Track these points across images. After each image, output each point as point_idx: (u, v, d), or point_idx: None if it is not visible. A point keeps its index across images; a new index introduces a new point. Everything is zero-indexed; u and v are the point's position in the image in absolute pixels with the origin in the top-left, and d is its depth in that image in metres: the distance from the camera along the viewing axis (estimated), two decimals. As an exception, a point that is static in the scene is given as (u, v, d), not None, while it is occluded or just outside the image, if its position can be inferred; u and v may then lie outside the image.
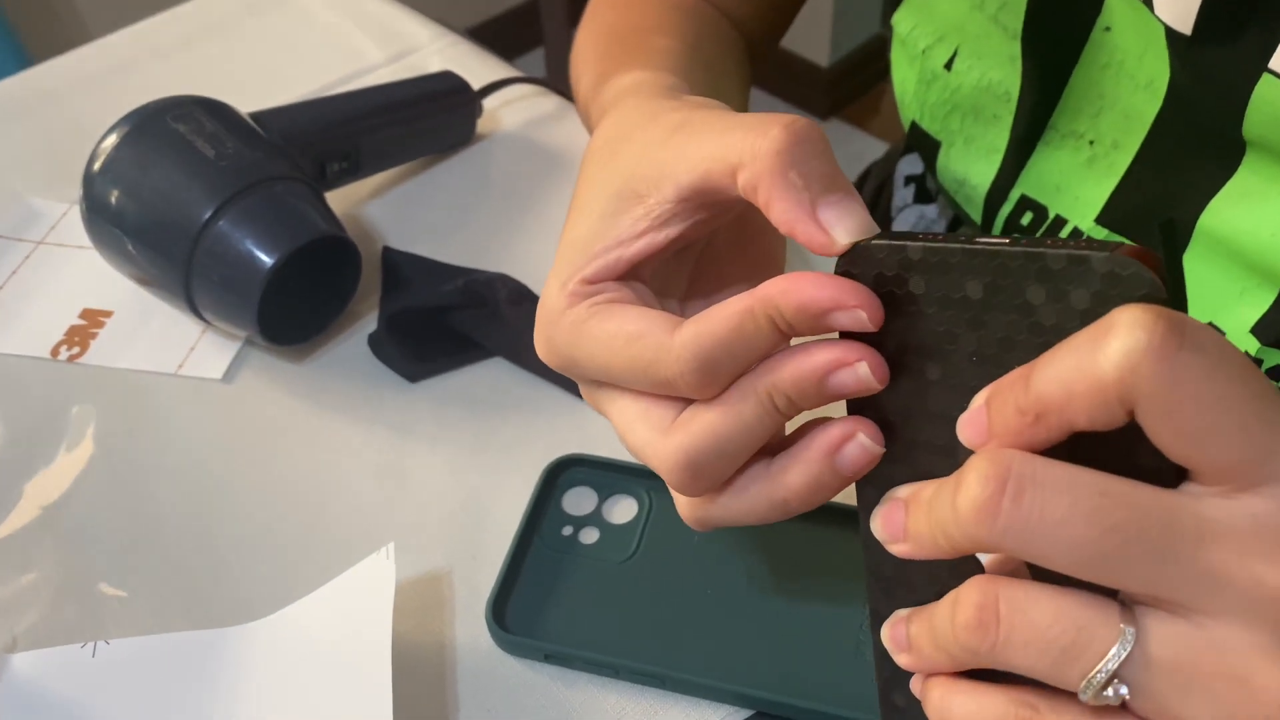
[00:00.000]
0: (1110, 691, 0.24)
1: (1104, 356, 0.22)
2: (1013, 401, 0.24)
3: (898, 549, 0.26)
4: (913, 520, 0.26)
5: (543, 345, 0.35)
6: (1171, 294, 0.24)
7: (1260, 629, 0.23)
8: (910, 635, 0.27)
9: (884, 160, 0.70)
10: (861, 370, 0.29)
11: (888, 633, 0.28)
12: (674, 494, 0.34)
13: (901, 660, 0.27)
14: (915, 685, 0.28)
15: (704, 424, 0.31)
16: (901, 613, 0.28)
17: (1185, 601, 0.23)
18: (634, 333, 0.32)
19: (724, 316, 0.30)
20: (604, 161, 0.35)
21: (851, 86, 2.16)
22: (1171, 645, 0.24)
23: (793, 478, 0.31)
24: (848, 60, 2.13)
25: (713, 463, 0.32)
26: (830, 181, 0.30)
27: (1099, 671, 0.24)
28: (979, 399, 0.25)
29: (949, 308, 0.28)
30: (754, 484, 0.32)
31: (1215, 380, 0.22)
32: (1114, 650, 0.24)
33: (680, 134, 0.33)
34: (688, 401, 0.32)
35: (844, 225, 0.29)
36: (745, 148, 0.30)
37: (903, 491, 0.27)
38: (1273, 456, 0.23)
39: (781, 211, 0.30)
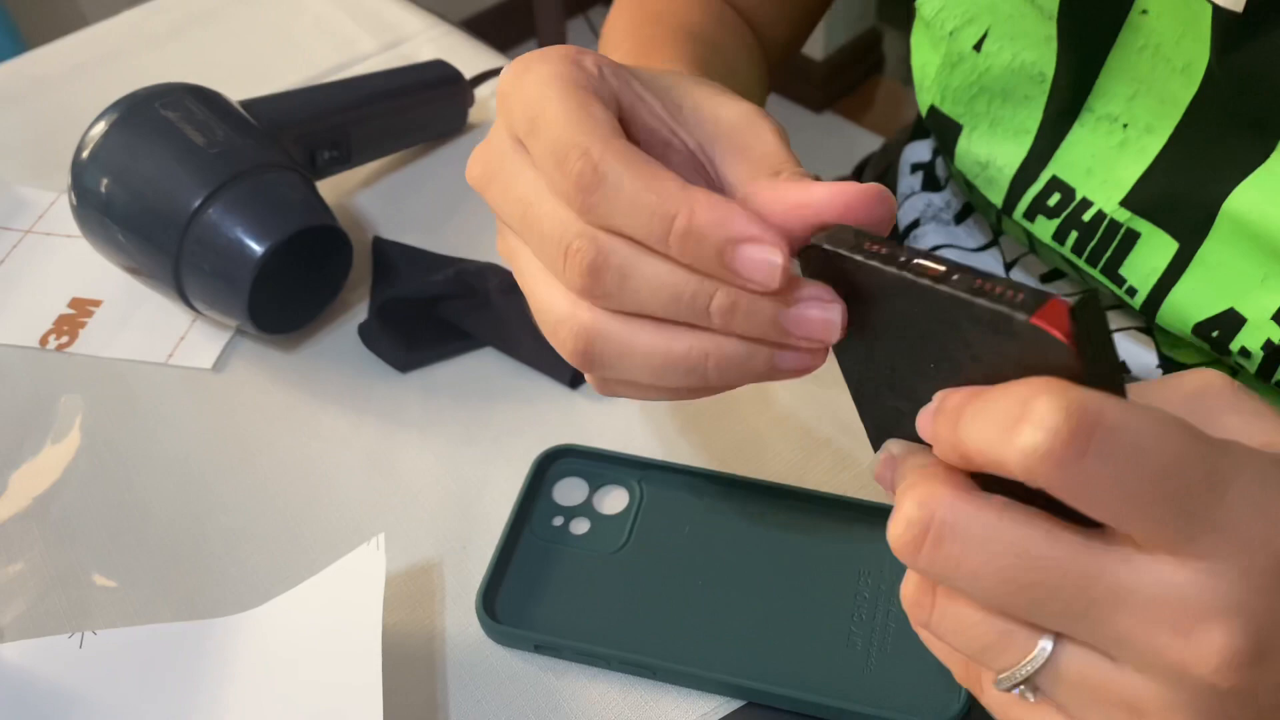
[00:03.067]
0: (1019, 691, 0.26)
1: (1013, 446, 0.23)
2: (947, 429, 0.25)
3: None
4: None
5: (507, 72, 0.33)
6: (1094, 362, 0.24)
7: (1162, 683, 0.24)
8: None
9: (883, 151, 0.70)
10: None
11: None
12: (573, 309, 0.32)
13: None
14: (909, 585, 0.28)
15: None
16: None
17: (1096, 647, 0.25)
18: (584, 119, 0.30)
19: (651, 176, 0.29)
20: None
21: (845, 80, 2.16)
22: (1080, 669, 0.25)
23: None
24: (841, 54, 2.13)
25: (614, 350, 0.31)
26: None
27: (1012, 674, 0.26)
28: (933, 403, 0.26)
29: (895, 316, 0.28)
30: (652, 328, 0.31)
31: (1124, 480, 0.22)
32: (1028, 661, 0.26)
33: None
34: None
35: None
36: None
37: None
38: (1193, 540, 0.23)
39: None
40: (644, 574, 0.43)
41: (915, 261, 0.27)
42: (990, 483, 0.25)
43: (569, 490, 0.46)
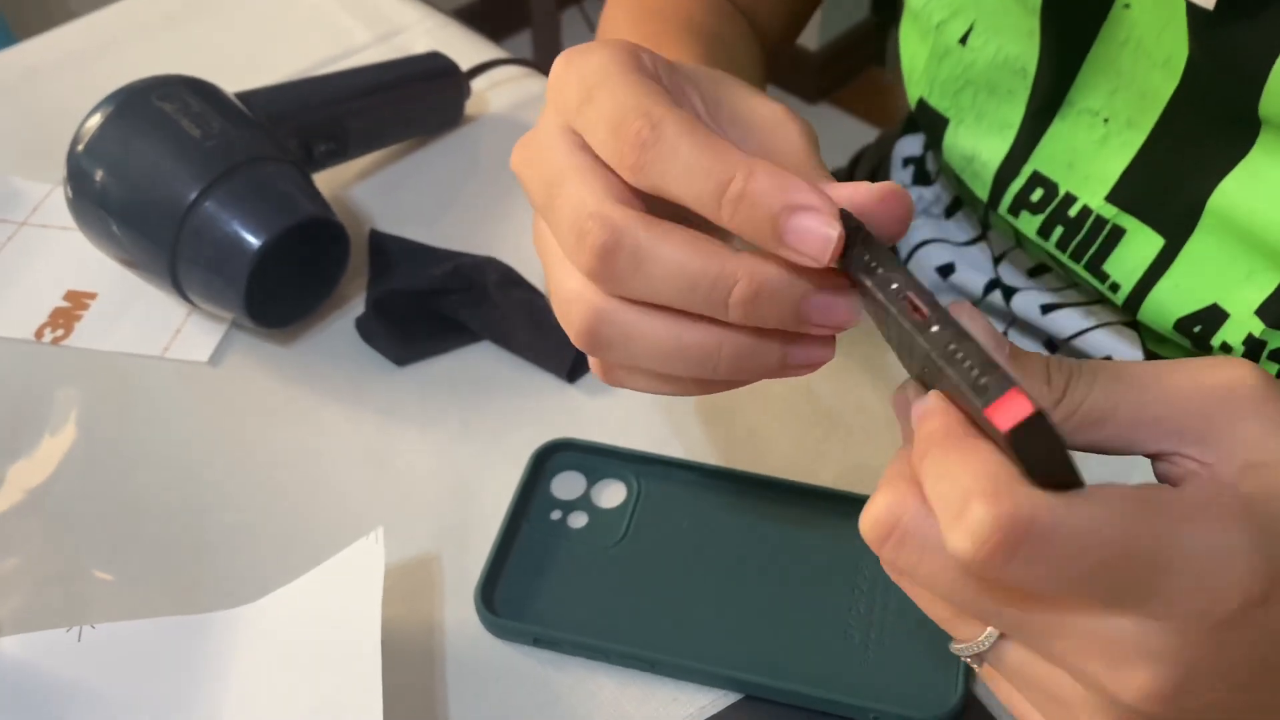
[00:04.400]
0: (969, 662, 0.29)
1: (949, 536, 0.24)
2: (917, 457, 0.26)
3: None
4: None
5: (561, 60, 0.32)
6: (1042, 462, 0.24)
7: (1090, 692, 0.26)
8: None
9: (877, 144, 0.70)
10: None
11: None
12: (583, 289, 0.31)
13: None
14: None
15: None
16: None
17: (1036, 651, 0.27)
18: (646, 107, 0.29)
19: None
20: None
21: (840, 71, 2.15)
22: (1020, 660, 0.28)
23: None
24: (836, 45, 2.12)
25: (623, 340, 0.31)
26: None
27: (964, 649, 0.29)
28: (916, 409, 0.27)
29: (887, 320, 0.28)
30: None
31: (1056, 578, 0.24)
32: (975, 642, 0.28)
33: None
34: None
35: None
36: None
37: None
38: (1132, 607, 0.24)
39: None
40: (642, 567, 0.43)
41: (904, 295, 0.26)
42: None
43: (567, 484, 0.46)
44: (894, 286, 0.27)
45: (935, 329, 0.25)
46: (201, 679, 0.40)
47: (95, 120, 0.51)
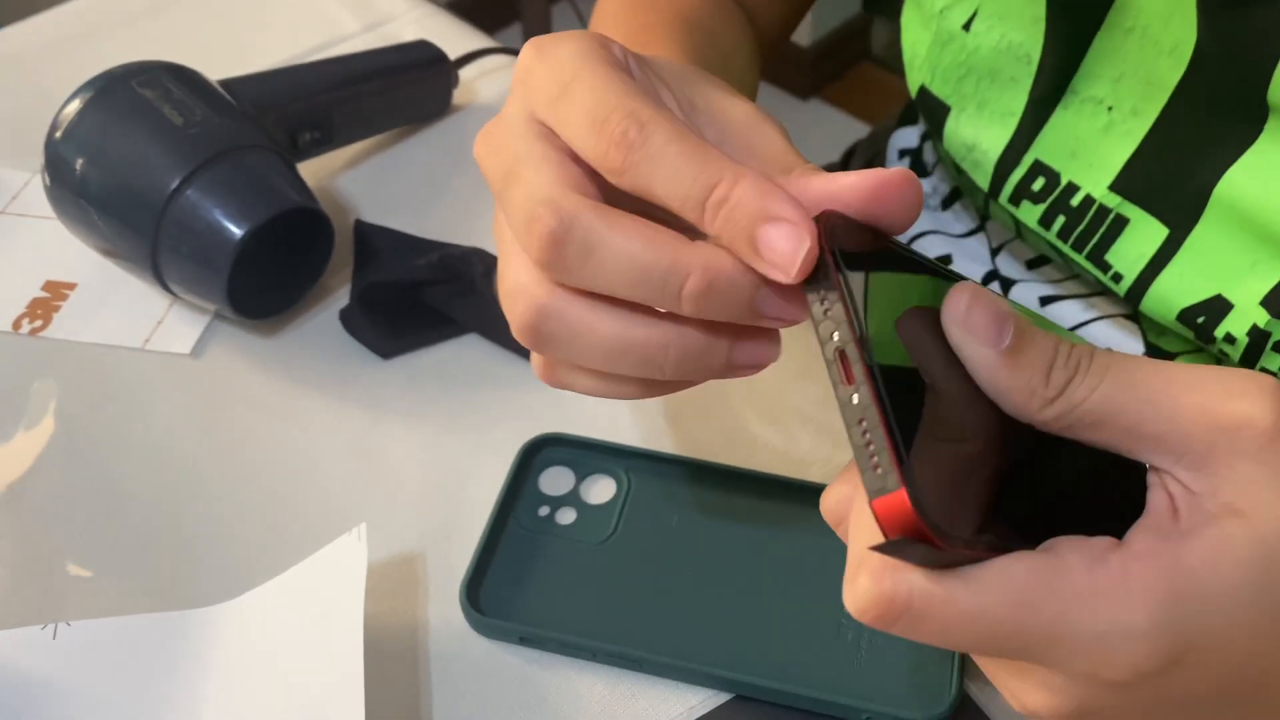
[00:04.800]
0: None
1: (845, 590, 0.26)
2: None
3: None
4: None
5: (530, 46, 0.32)
6: (925, 561, 0.25)
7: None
8: None
9: (871, 138, 0.70)
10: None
11: None
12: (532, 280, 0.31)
13: None
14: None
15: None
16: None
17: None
18: (624, 94, 0.29)
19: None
20: None
21: (832, 66, 2.15)
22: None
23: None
24: (829, 40, 2.12)
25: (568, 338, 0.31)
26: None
27: None
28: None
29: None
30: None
31: (942, 643, 0.26)
32: None
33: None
34: None
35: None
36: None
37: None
38: (1039, 668, 0.26)
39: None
40: (631, 565, 0.43)
41: (840, 349, 0.25)
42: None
43: (555, 479, 0.46)
44: (835, 336, 0.26)
45: (855, 399, 0.25)
46: (180, 677, 0.39)
47: (74, 107, 0.50)
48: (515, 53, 0.69)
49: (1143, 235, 0.45)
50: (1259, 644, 0.26)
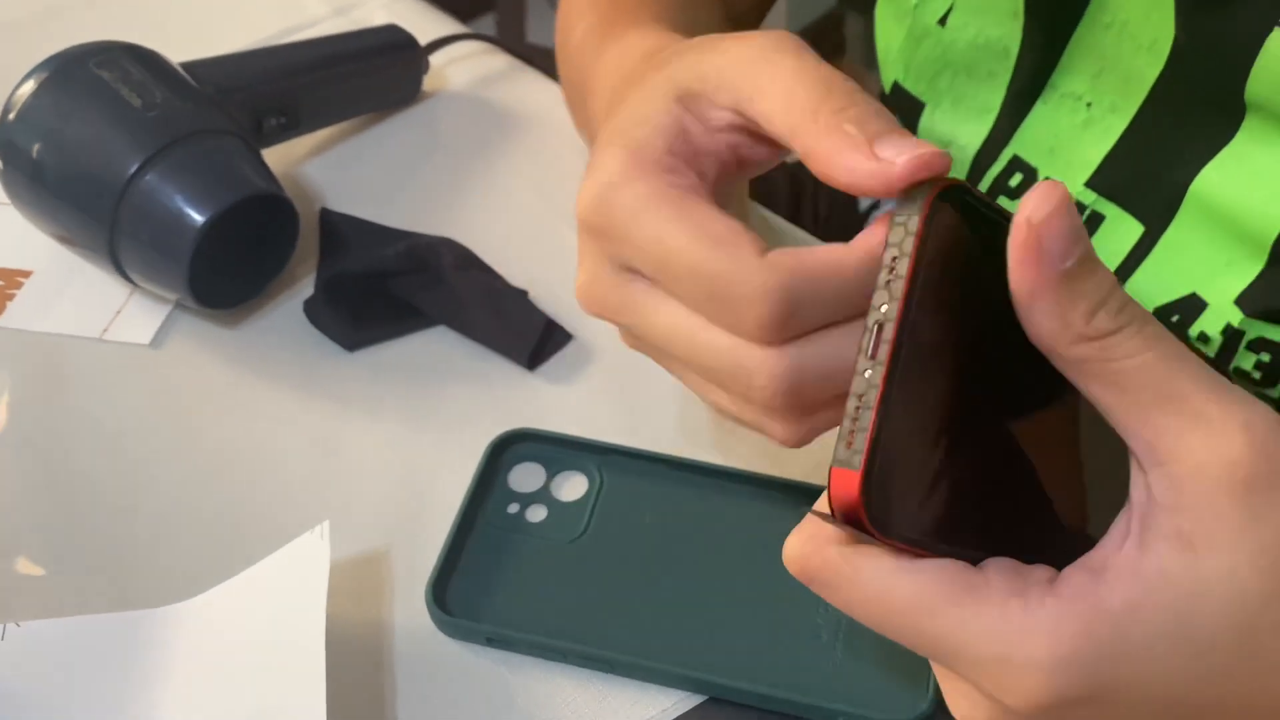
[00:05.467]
0: None
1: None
2: None
3: None
4: None
5: (591, 201, 0.32)
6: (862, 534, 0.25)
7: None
8: None
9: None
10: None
11: None
12: (765, 421, 0.32)
13: None
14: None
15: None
16: None
17: None
18: (720, 235, 0.30)
19: (835, 259, 0.29)
20: (658, 67, 0.34)
21: (807, 59, 2.15)
22: None
23: None
24: (804, 34, 2.12)
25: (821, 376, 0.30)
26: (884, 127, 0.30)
27: None
28: None
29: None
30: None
31: (856, 617, 0.27)
32: None
33: (749, 50, 0.33)
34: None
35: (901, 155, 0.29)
36: (796, 115, 0.30)
37: None
38: (965, 690, 0.27)
39: (845, 173, 0.29)
40: (603, 564, 0.42)
41: (878, 324, 0.25)
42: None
43: (525, 476, 0.45)
44: (883, 309, 0.25)
45: (867, 374, 0.25)
46: (135, 680, 0.38)
47: (28, 88, 0.49)
48: (487, 39, 0.69)
49: (1118, 232, 0.44)
50: (1174, 691, 0.26)
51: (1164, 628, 0.25)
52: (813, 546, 0.27)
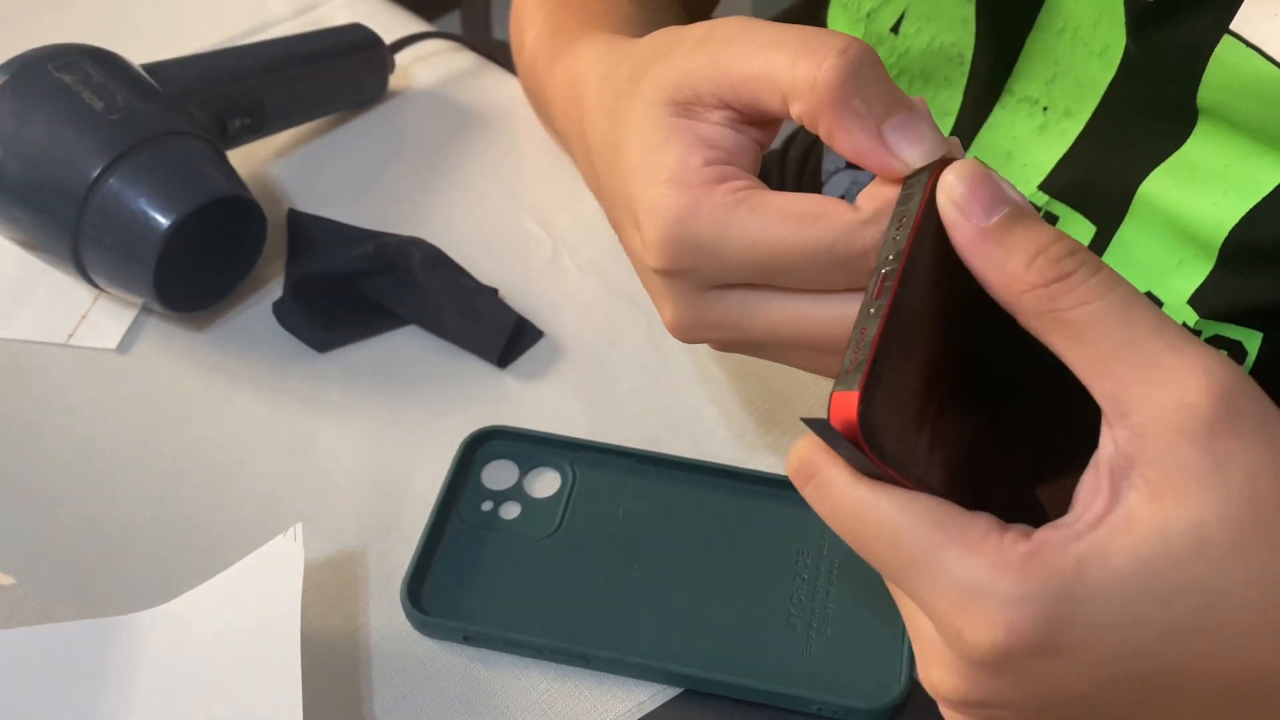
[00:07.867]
0: None
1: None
2: None
3: None
4: None
5: (665, 248, 0.32)
6: (851, 457, 0.27)
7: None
8: None
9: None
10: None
11: None
12: None
13: None
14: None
15: None
16: None
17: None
18: (811, 211, 0.30)
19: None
20: (630, 91, 0.35)
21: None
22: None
23: None
24: (769, 26, 2.12)
25: None
26: (892, 102, 0.31)
27: None
28: None
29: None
30: None
31: (837, 530, 0.28)
32: None
33: (711, 43, 0.33)
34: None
35: (912, 147, 0.30)
36: (799, 77, 0.30)
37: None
38: (938, 654, 0.27)
39: (848, 143, 0.30)
40: (577, 559, 0.42)
41: (883, 270, 0.27)
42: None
43: (498, 473, 0.45)
44: (890, 258, 0.27)
45: (872, 310, 0.27)
46: (108, 688, 0.38)
47: (-13, 92, 0.48)
48: (452, 37, 0.68)
49: (1071, 233, 0.44)
50: (1132, 645, 0.25)
51: (1126, 572, 0.25)
52: (814, 453, 0.28)
